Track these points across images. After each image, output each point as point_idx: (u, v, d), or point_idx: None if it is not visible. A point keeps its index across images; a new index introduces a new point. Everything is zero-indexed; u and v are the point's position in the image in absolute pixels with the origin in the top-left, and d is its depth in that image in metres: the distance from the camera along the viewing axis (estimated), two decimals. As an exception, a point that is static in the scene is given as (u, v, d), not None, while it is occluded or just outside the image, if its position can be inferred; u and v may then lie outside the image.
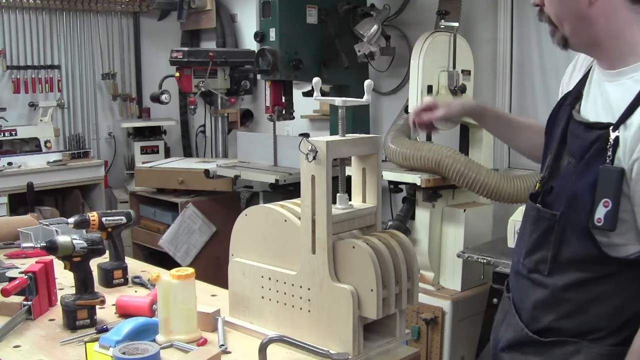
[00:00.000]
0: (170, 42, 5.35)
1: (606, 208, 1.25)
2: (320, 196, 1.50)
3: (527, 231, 1.47)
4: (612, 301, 1.34)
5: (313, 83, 1.73)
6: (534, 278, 1.44)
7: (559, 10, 1.35)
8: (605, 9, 1.30)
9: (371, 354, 1.53)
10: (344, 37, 3.65)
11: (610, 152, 1.26)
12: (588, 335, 1.36)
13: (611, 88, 1.34)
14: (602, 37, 1.33)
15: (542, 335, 1.42)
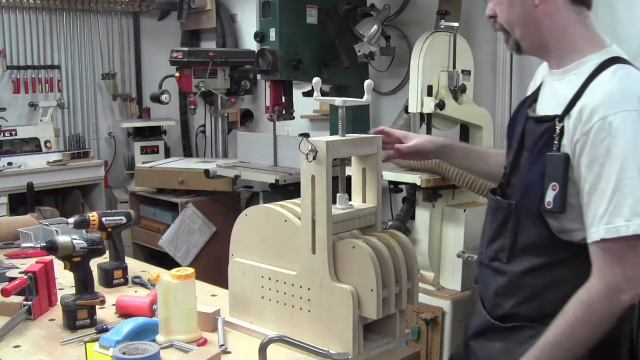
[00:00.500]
0: (170, 42, 5.35)
1: (554, 191, 1.35)
2: (320, 196, 1.50)
3: (488, 222, 1.57)
4: (566, 286, 1.38)
5: (313, 83, 1.73)
6: (495, 266, 1.53)
7: (509, 17, 1.46)
8: (549, 10, 1.42)
9: (371, 354, 1.53)
10: (344, 37, 3.65)
11: (556, 140, 1.36)
12: (545, 319, 1.40)
13: (559, 85, 1.44)
14: (548, 37, 1.45)
15: (503, 321, 1.50)
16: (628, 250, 1.28)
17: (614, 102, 1.30)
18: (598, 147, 1.30)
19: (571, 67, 1.43)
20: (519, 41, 1.49)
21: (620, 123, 1.28)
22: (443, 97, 3.07)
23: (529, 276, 1.45)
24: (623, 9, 3.16)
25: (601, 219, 1.29)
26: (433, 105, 3.08)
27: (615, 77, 1.36)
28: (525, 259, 1.45)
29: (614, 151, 1.28)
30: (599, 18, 3.35)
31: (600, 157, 1.29)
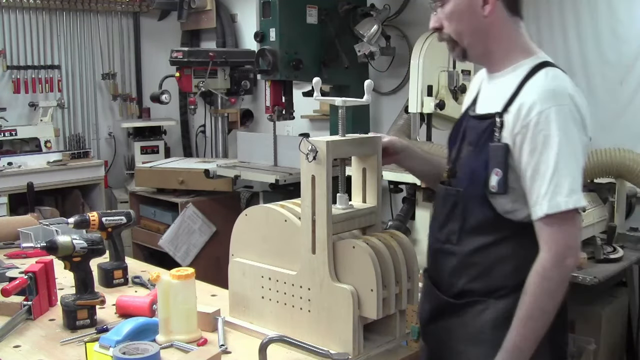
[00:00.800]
0: (170, 42, 5.35)
1: (497, 177, 1.53)
2: (320, 196, 1.50)
3: (439, 209, 1.70)
4: (511, 262, 1.57)
5: (313, 83, 1.73)
6: (447, 248, 1.65)
7: (459, 27, 1.60)
8: (494, 20, 1.58)
9: (371, 354, 1.53)
10: (344, 37, 3.65)
11: (497, 133, 1.55)
12: (494, 293, 1.59)
13: (497, 87, 1.62)
14: (492, 45, 1.61)
15: (458, 298, 1.63)
16: (567, 222, 1.48)
17: (549, 98, 1.50)
18: (537, 137, 1.48)
19: (508, 70, 1.60)
20: (466, 49, 1.63)
21: (555, 116, 1.48)
22: (443, 97, 3.07)
23: (478, 254, 1.60)
24: (623, 9, 3.17)
25: (544, 197, 1.48)
26: (433, 105, 3.09)
27: (548, 78, 1.55)
28: (474, 239, 1.60)
29: (551, 140, 1.47)
30: (599, 18, 3.39)
31: (539, 145, 1.48)
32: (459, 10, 1.59)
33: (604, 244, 2.75)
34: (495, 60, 1.63)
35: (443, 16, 1.61)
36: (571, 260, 1.49)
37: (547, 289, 1.49)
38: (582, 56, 3.31)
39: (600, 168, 2.86)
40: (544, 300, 1.49)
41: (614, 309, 2.82)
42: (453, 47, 1.65)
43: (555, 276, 1.48)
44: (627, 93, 3.17)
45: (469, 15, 1.59)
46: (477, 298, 1.60)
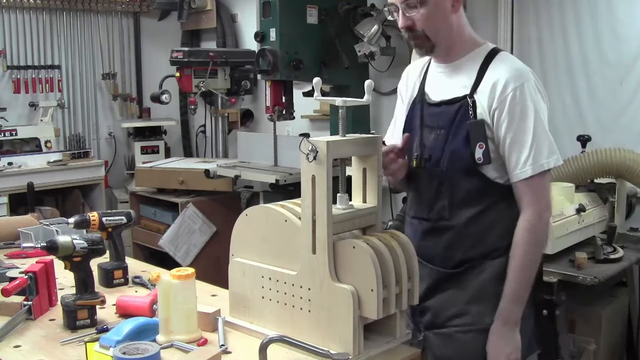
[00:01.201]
0: (170, 42, 5.35)
1: (481, 149, 1.72)
2: (320, 196, 1.50)
3: (424, 192, 1.86)
4: (501, 225, 1.78)
5: (313, 83, 1.73)
6: (441, 225, 1.82)
7: (436, 26, 1.76)
8: (457, 16, 1.79)
9: (371, 354, 1.53)
10: (344, 37, 3.65)
11: (472, 111, 1.73)
12: (489, 255, 1.80)
13: (455, 72, 1.81)
14: (455, 38, 1.80)
15: (457, 268, 1.82)
16: (545, 181, 1.73)
17: (518, 76, 1.72)
18: (514, 110, 1.69)
19: (465, 58, 1.81)
20: (435, 45, 1.79)
21: (527, 90, 1.70)
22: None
23: (471, 225, 1.79)
24: (623, 9, 3.17)
25: (526, 161, 1.69)
26: (433, 105, 3.08)
27: (508, 60, 1.78)
28: (465, 210, 1.79)
29: (527, 111, 1.69)
30: (599, 18, 3.39)
31: (517, 116, 1.69)
32: (438, 11, 1.75)
33: (604, 244, 2.75)
34: (455, 51, 1.81)
35: (419, 17, 1.75)
36: (549, 213, 1.75)
37: (535, 241, 1.73)
38: (582, 56, 3.31)
39: (600, 168, 2.86)
40: (533, 251, 1.74)
41: (614, 309, 2.82)
42: (422, 44, 1.80)
43: (541, 230, 1.73)
44: (627, 93, 3.17)
45: (444, 14, 1.76)
46: (473, 263, 1.80)
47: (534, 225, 1.71)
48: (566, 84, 3.35)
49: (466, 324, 1.80)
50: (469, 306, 1.80)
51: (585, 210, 2.73)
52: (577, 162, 2.89)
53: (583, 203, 2.75)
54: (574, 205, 2.71)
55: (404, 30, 1.80)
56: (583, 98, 3.32)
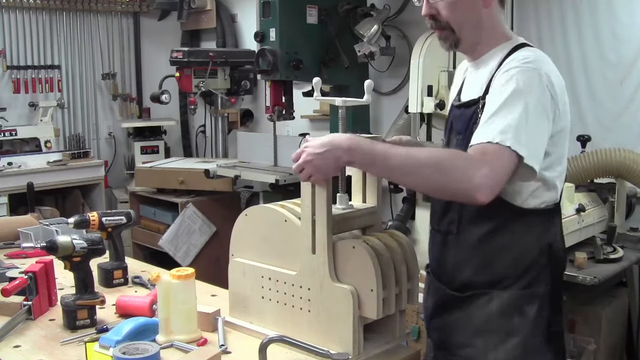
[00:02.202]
0: (170, 42, 5.35)
1: None
2: (320, 196, 1.50)
3: (436, 201, 1.72)
4: (512, 252, 1.59)
5: (313, 83, 1.73)
6: (449, 239, 1.67)
7: (461, 17, 1.60)
8: (490, 11, 1.62)
9: (371, 354, 1.53)
10: (344, 37, 3.65)
11: (480, 115, 1.51)
12: (498, 284, 1.60)
13: (480, 71, 1.64)
14: (483, 35, 1.63)
15: (461, 291, 1.64)
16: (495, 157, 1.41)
17: (518, 61, 1.51)
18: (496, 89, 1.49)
19: (488, 54, 1.63)
20: (460, 39, 1.62)
21: (518, 74, 1.47)
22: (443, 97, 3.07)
23: (478, 244, 1.61)
24: (623, 10, 3.17)
25: (477, 133, 1.46)
26: (433, 105, 3.08)
27: (524, 51, 1.57)
28: (474, 227, 1.61)
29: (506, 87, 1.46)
30: (599, 18, 3.38)
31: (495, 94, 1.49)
32: (465, 1, 1.59)
33: (604, 244, 2.76)
34: (481, 49, 1.64)
35: (443, 5, 1.59)
36: (485, 173, 1.38)
37: (440, 169, 1.41)
38: (582, 56, 3.31)
39: (600, 168, 2.86)
40: (430, 167, 1.42)
41: (614, 309, 2.82)
42: (447, 37, 1.63)
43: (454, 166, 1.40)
44: (627, 93, 3.17)
45: (472, 6, 1.59)
46: (481, 290, 1.61)
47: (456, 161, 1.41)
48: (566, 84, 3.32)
49: (470, 356, 1.65)
50: (474, 338, 1.63)
51: (585, 210, 2.73)
52: (577, 162, 2.89)
53: (583, 203, 2.75)
54: (573, 205, 2.71)
55: (427, 18, 1.64)
56: (583, 98, 3.32)
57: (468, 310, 1.64)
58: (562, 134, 1.56)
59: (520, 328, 1.59)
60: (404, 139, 1.82)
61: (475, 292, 1.62)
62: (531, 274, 1.61)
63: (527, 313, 1.60)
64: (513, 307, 1.59)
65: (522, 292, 1.60)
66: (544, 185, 1.57)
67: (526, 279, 1.60)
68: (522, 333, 1.59)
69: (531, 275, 1.61)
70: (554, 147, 1.54)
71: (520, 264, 1.60)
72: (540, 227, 1.61)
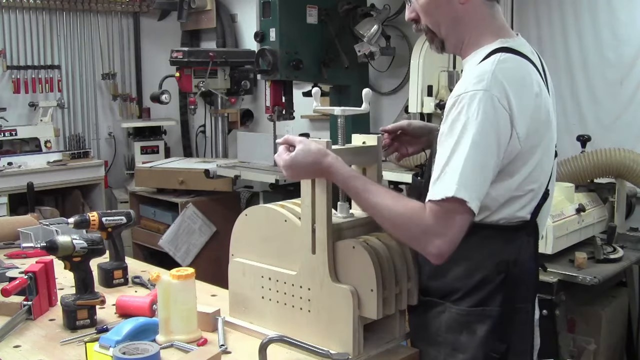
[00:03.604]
0: (170, 42, 5.35)
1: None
2: (320, 196, 1.50)
3: None
4: (463, 264, 1.53)
5: (312, 93, 1.73)
6: None
7: (436, 18, 1.55)
8: (470, 7, 1.53)
9: (371, 354, 1.53)
10: (344, 37, 3.65)
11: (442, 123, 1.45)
12: (450, 296, 1.56)
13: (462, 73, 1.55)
14: (466, 33, 1.55)
15: (422, 294, 1.62)
16: (449, 213, 1.38)
17: (470, 81, 1.41)
18: (447, 121, 1.42)
19: (470, 56, 1.55)
20: (444, 40, 1.58)
21: (467, 101, 1.39)
22: (443, 97, 3.08)
23: None
24: (623, 10, 3.17)
25: (433, 183, 1.41)
26: (433, 105, 3.09)
27: (488, 62, 1.45)
28: None
29: (453, 126, 1.40)
30: (599, 18, 3.38)
31: (446, 129, 1.42)
32: (435, 0, 1.54)
33: (604, 244, 2.76)
34: (468, 47, 1.57)
35: (418, 7, 1.57)
36: (437, 245, 1.39)
37: (400, 226, 1.44)
38: (582, 56, 3.31)
39: (600, 168, 2.86)
40: (392, 224, 1.46)
41: (614, 309, 2.82)
42: (432, 39, 1.60)
43: (414, 233, 1.42)
44: (627, 93, 3.17)
45: (445, 5, 1.53)
46: (435, 299, 1.59)
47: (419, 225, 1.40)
48: (566, 84, 3.35)
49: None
50: (427, 348, 1.62)
51: (585, 210, 2.73)
52: (577, 162, 2.90)
53: (583, 203, 2.75)
54: (573, 205, 2.71)
55: (411, 23, 1.62)
56: (583, 98, 3.32)
57: (424, 317, 1.61)
58: (534, 149, 1.47)
59: (467, 346, 1.54)
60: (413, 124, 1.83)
61: (432, 300, 1.60)
62: (483, 292, 1.53)
63: (476, 332, 1.53)
64: (462, 323, 1.54)
65: (472, 310, 1.54)
66: (502, 203, 1.49)
67: (478, 295, 1.54)
68: (469, 351, 1.54)
69: (483, 293, 1.53)
70: (523, 166, 1.47)
71: (471, 279, 1.53)
72: (496, 243, 1.51)
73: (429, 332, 1.60)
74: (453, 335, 1.56)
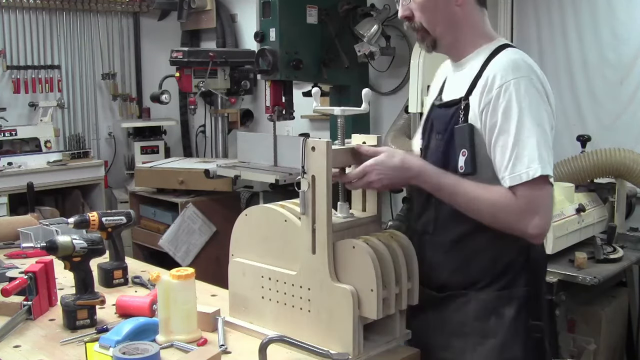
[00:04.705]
0: (170, 42, 5.35)
1: (464, 157, 1.55)
2: (320, 196, 1.50)
3: (416, 200, 1.75)
4: (488, 254, 1.61)
5: (312, 93, 1.73)
6: (425, 239, 1.69)
7: (432, 17, 1.63)
8: (466, 10, 1.63)
9: (371, 354, 1.53)
10: (344, 37, 3.65)
11: (462, 116, 1.58)
12: (474, 285, 1.63)
13: (460, 73, 1.66)
14: (461, 34, 1.64)
15: (439, 291, 1.67)
16: (534, 189, 1.49)
17: (508, 71, 1.53)
18: (497, 110, 1.52)
19: (470, 56, 1.65)
20: (437, 39, 1.65)
21: (514, 88, 1.50)
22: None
23: (455, 245, 1.64)
24: (623, 10, 3.17)
25: (506, 169, 1.51)
26: (433, 105, 3.07)
27: (507, 54, 1.59)
28: (450, 228, 1.64)
29: (511, 112, 1.50)
30: (599, 18, 3.38)
31: (500, 118, 1.51)
32: (435, 0, 1.61)
33: (604, 244, 2.76)
34: (462, 49, 1.66)
35: (415, 6, 1.63)
36: (536, 224, 1.49)
37: (497, 215, 1.53)
38: (582, 56, 3.31)
39: (600, 168, 2.86)
40: (490, 214, 1.54)
41: (614, 309, 2.82)
42: (423, 38, 1.67)
43: (512, 219, 1.51)
44: (627, 93, 3.17)
45: (443, 5, 1.61)
46: (458, 291, 1.64)
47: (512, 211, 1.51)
48: (566, 84, 3.35)
49: (448, 358, 1.67)
50: (451, 340, 1.66)
51: (585, 210, 2.73)
52: (577, 162, 2.90)
53: (583, 203, 2.75)
54: (573, 205, 2.71)
55: (403, 21, 1.68)
56: (583, 98, 3.32)
57: (446, 311, 1.66)
58: (553, 131, 1.58)
59: (497, 329, 1.61)
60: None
61: (452, 293, 1.65)
62: (508, 276, 1.62)
63: (505, 315, 1.61)
64: (490, 309, 1.61)
65: (499, 294, 1.62)
66: None
67: (504, 280, 1.62)
68: (499, 335, 1.60)
69: (509, 277, 1.62)
70: None
71: (497, 266, 1.62)
72: None
73: (453, 325, 1.65)
74: (481, 322, 1.61)
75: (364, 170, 1.55)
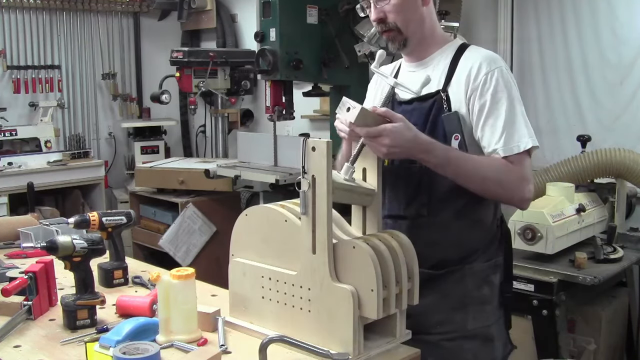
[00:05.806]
0: (170, 42, 5.35)
1: (457, 140, 1.71)
2: (320, 196, 1.50)
3: (401, 189, 1.81)
4: (483, 225, 1.79)
5: (377, 55, 1.73)
6: (420, 223, 1.78)
7: (407, 17, 1.77)
8: (429, 9, 1.81)
9: (371, 354, 1.53)
10: (344, 37, 3.65)
11: (446, 105, 1.74)
12: (466, 259, 1.77)
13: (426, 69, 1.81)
14: (427, 31, 1.82)
15: (437, 268, 1.77)
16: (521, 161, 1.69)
17: (489, 62, 1.73)
18: (485, 95, 1.70)
19: (437, 53, 1.82)
20: (408, 38, 1.79)
21: (499, 75, 1.71)
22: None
23: (455, 221, 1.76)
24: (623, 10, 3.17)
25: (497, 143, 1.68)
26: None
27: (480, 49, 1.80)
28: (445, 207, 1.75)
29: (498, 95, 1.70)
30: (599, 18, 3.39)
31: (488, 102, 1.70)
32: (408, 2, 1.76)
33: (604, 244, 2.76)
34: (426, 47, 1.82)
35: (390, 8, 1.75)
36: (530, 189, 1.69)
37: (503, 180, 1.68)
38: (582, 56, 3.31)
39: (600, 168, 2.86)
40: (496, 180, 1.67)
41: (614, 309, 2.83)
42: (395, 38, 1.79)
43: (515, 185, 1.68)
44: (627, 93, 3.18)
45: (414, 6, 1.77)
46: (453, 267, 1.77)
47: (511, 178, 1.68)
48: (566, 84, 3.35)
49: (450, 331, 1.77)
50: (452, 314, 1.77)
51: (585, 210, 2.73)
52: (577, 162, 2.90)
53: (583, 203, 2.75)
54: (574, 205, 2.71)
55: (376, 23, 1.79)
56: (583, 98, 3.32)
57: (444, 290, 1.77)
58: None
59: (491, 296, 1.80)
60: None
61: (450, 269, 1.77)
62: (493, 245, 1.82)
63: (494, 282, 1.81)
64: (483, 278, 1.77)
65: (488, 264, 1.79)
66: None
67: (490, 250, 1.80)
68: (492, 301, 1.81)
69: (493, 247, 1.81)
70: None
71: (486, 236, 1.80)
72: (494, 201, 1.81)
73: (454, 299, 1.77)
74: (479, 291, 1.77)
75: (380, 132, 1.57)
